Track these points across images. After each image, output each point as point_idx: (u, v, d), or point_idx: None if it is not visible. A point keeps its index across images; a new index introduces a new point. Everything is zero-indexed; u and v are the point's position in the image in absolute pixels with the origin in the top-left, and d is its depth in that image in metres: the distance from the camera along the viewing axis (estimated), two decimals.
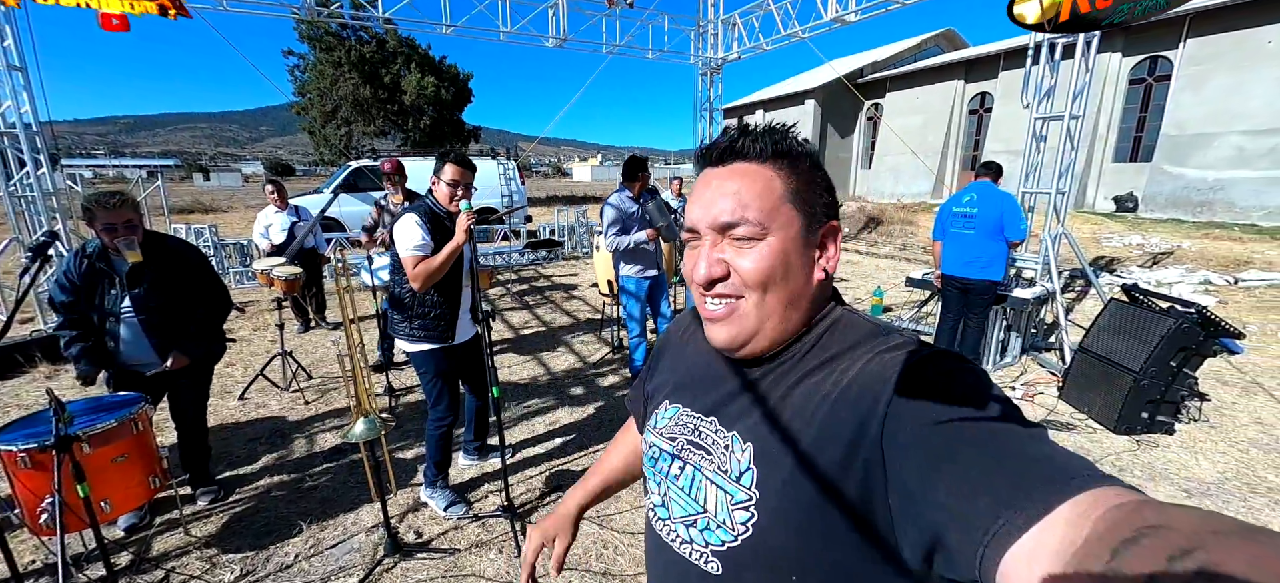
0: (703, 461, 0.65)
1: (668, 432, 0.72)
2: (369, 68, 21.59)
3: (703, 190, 0.63)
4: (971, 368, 0.53)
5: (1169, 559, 0.26)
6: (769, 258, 0.59)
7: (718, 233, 0.61)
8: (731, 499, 0.61)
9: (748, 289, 0.61)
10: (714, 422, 0.67)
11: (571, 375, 4.28)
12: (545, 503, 2.64)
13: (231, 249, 8.22)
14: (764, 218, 0.59)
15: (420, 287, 2.31)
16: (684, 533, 0.66)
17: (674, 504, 0.68)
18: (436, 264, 2.27)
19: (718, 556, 0.62)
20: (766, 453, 0.60)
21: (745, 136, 0.62)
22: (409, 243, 2.28)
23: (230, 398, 3.86)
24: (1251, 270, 7.90)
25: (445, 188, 2.36)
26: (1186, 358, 3.18)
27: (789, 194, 0.61)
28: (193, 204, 20.95)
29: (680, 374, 0.77)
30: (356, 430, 2.01)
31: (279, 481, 2.88)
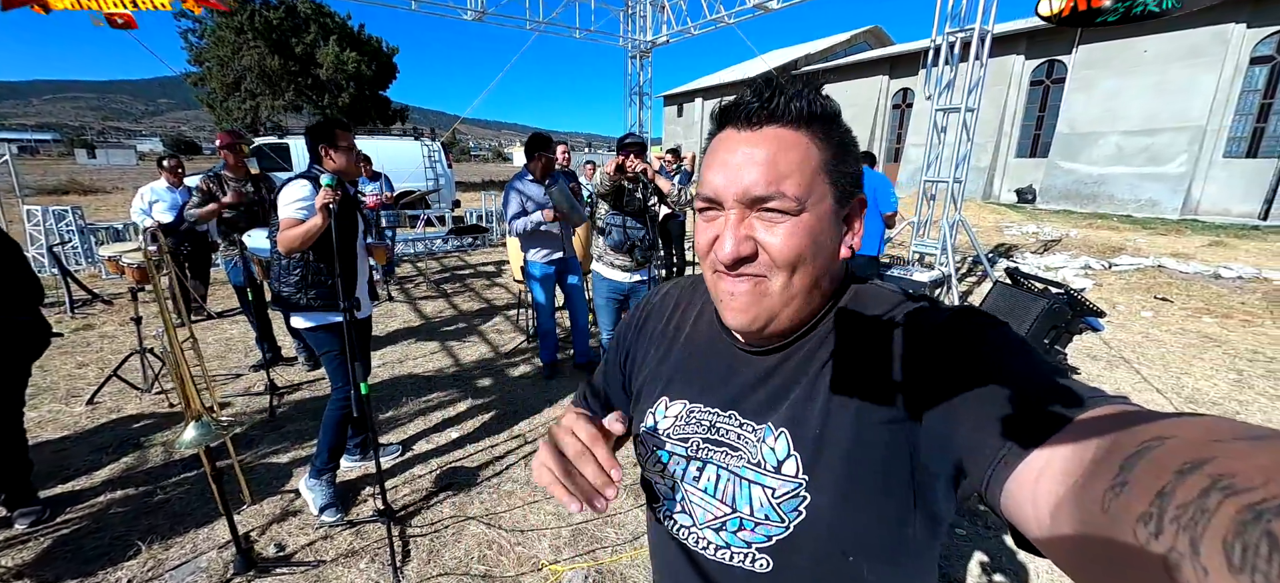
0: (728, 458, 0.61)
1: (676, 432, 0.66)
2: (277, 36, 19.76)
3: (726, 155, 0.56)
4: (991, 319, 0.52)
5: (1177, 471, 0.26)
6: (802, 236, 0.54)
7: (746, 206, 0.55)
8: (772, 493, 0.58)
9: (776, 269, 0.55)
10: (735, 415, 0.62)
11: (480, 366, 4.08)
12: (432, 504, 2.47)
13: (103, 234, 7.28)
14: (801, 192, 0.53)
15: (284, 248, 2.17)
16: (715, 538, 0.62)
17: (696, 509, 0.63)
18: (304, 230, 2.13)
19: (766, 551, 0.59)
20: (807, 437, 0.57)
21: (780, 95, 0.55)
22: (294, 202, 2.15)
23: (77, 403, 3.39)
24: (1123, 256, 8.78)
25: (340, 157, 2.23)
26: (1057, 335, 3.43)
27: (824, 165, 0.55)
28: (68, 184, 18.58)
29: (677, 368, 0.70)
30: (186, 438, 1.76)
31: (123, 495, 2.53)
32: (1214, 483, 0.24)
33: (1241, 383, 4.05)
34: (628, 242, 3.01)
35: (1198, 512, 0.23)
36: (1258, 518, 0.21)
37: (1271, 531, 0.20)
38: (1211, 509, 0.23)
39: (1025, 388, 0.44)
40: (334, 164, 2.24)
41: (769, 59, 22.88)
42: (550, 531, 2.30)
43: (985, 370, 0.47)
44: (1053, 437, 0.38)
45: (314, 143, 2.26)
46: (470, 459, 2.82)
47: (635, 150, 2.89)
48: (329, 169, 2.21)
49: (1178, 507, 0.25)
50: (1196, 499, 0.24)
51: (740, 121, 0.56)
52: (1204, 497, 0.24)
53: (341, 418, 2.36)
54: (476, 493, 2.54)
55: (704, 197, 0.58)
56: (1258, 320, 5.57)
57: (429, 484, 2.61)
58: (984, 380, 0.46)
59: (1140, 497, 0.27)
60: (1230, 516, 0.22)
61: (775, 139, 0.54)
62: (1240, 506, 0.22)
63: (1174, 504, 0.25)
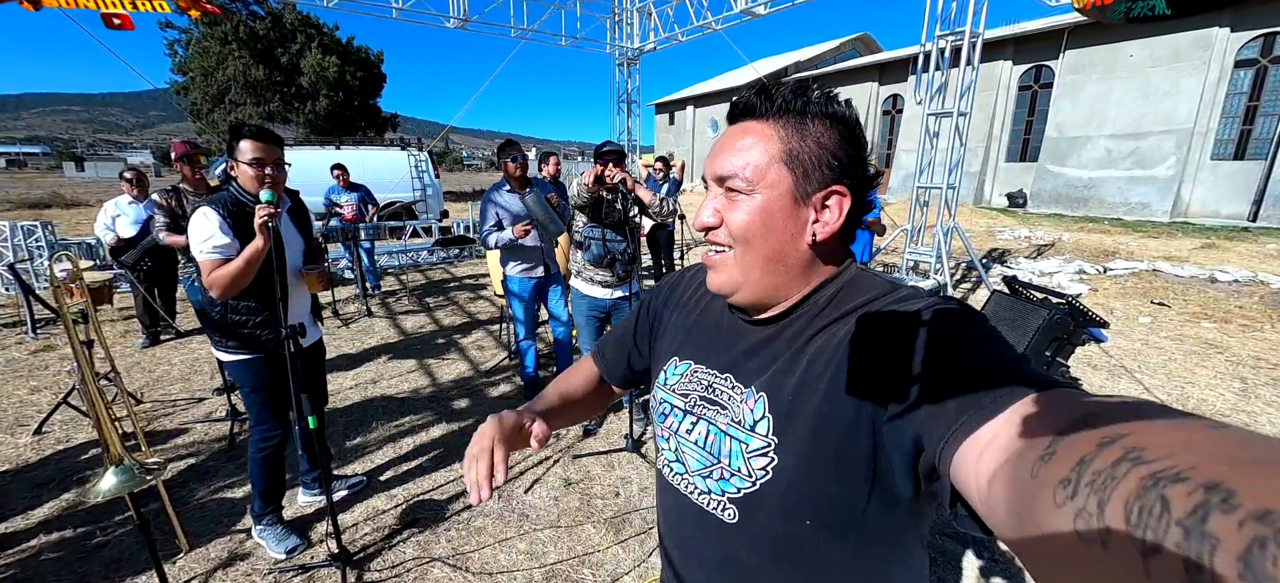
0: (717, 415, 0.68)
1: (680, 388, 0.74)
2: (262, 46, 19.56)
3: (718, 143, 0.66)
4: (965, 309, 0.56)
5: (1099, 444, 0.29)
6: (750, 215, 0.62)
7: (717, 183, 0.65)
8: (747, 448, 0.64)
9: (733, 242, 0.64)
10: (730, 379, 0.69)
11: (458, 385, 3.89)
12: (394, 543, 2.28)
13: (76, 249, 7.04)
14: (753, 176, 0.62)
15: (219, 295, 1.90)
16: (701, 485, 0.70)
17: (689, 458, 0.71)
18: (236, 269, 1.86)
19: (734, 503, 0.66)
20: (781, 402, 0.62)
21: (760, 96, 0.64)
22: (206, 242, 1.86)
23: (23, 433, 3.17)
24: (1117, 260, 8.72)
25: (247, 169, 1.92)
26: (1059, 347, 3.28)
27: (785, 155, 0.62)
28: (50, 197, 18.25)
29: (691, 333, 0.78)
30: (103, 487, 1.57)
31: (58, 538, 2.33)
32: (1126, 454, 0.26)
33: (1247, 393, 3.94)
34: (608, 255, 2.84)
35: (1109, 478, 0.26)
36: (1155, 484, 0.24)
37: (1165, 494, 0.23)
38: (1120, 476, 0.25)
39: (981, 372, 0.47)
40: (243, 178, 1.94)
41: (759, 66, 22.92)
42: (521, 571, 2.12)
43: (947, 357, 0.50)
44: (999, 414, 0.41)
45: (228, 154, 1.96)
46: (440, 491, 2.63)
47: (614, 159, 2.73)
48: (242, 184, 1.95)
49: (1094, 472, 0.27)
50: (1110, 467, 0.26)
51: (731, 117, 0.67)
52: (1116, 465, 0.26)
53: (263, 459, 2.16)
54: (444, 530, 2.35)
55: (702, 176, 0.68)
56: (1257, 325, 5.48)
57: (393, 520, 2.41)
58: (945, 365, 0.50)
59: (1064, 463, 0.30)
60: (1135, 481, 0.25)
61: (747, 131, 0.63)
62: (1144, 474, 0.24)
63: (1090, 470, 0.27)
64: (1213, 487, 0.22)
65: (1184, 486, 0.23)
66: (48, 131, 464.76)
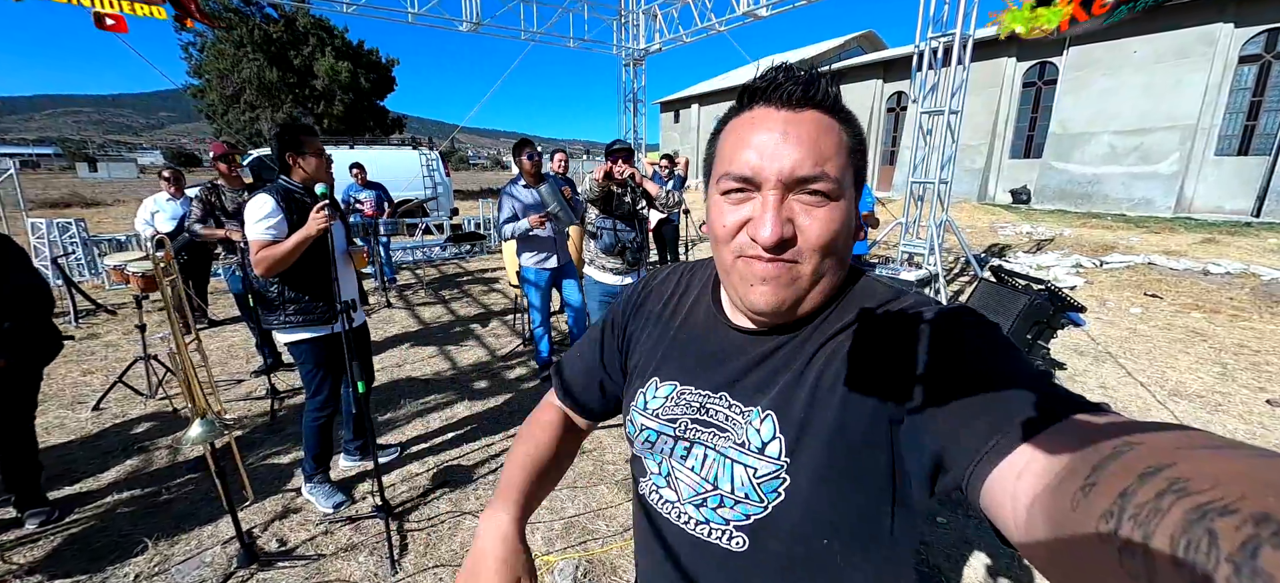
0: (716, 438, 0.62)
1: (664, 413, 0.67)
2: (276, 49, 19.97)
3: (761, 133, 0.54)
4: (980, 319, 0.53)
5: (1141, 475, 0.27)
6: (839, 220, 0.54)
7: (786, 188, 0.53)
8: (755, 473, 0.58)
9: (810, 252, 0.55)
10: (726, 397, 0.63)
11: (477, 369, 4.16)
12: (429, 500, 2.54)
13: (105, 246, 7.38)
14: (840, 176, 0.54)
15: (263, 272, 2.15)
16: (696, 514, 0.63)
17: (682, 486, 0.64)
18: (283, 251, 2.11)
19: (743, 530, 0.60)
20: (791, 419, 0.57)
21: (821, 80, 0.55)
22: (260, 224, 2.11)
23: (83, 409, 3.47)
24: (1114, 254, 8.87)
25: (312, 160, 2.20)
26: (1040, 331, 3.51)
27: (851, 154, 0.56)
28: (70, 197, 18.70)
29: (673, 351, 0.70)
30: (191, 435, 1.84)
31: (129, 496, 2.61)
32: (1171, 486, 0.26)
33: (1225, 376, 4.13)
34: (618, 244, 3.09)
35: (1153, 511, 0.25)
36: (1202, 517, 0.23)
37: (1212, 528, 0.22)
38: (1165, 509, 0.25)
39: (1008, 389, 0.44)
40: (303, 173, 2.20)
41: (763, 65, 23.04)
42: (542, 524, 2.38)
43: (969, 370, 0.48)
44: (1033, 438, 0.39)
45: (281, 151, 2.19)
46: (467, 458, 2.90)
47: (623, 155, 2.98)
48: (298, 179, 2.21)
49: (1136, 505, 0.26)
50: (1153, 500, 0.26)
51: (779, 101, 0.55)
52: (1160, 498, 0.25)
53: (317, 426, 2.42)
54: (472, 489, 2.62)
55: (737, 176, 0.55)
56: (1244, 315, 5.65)
57: (426, 482, 2.69)
58: (967, 379, 0.47)
59: (1106, 495, 0.29)
60: (1180, 514, 0.24)
61: (816, 122, 0.54)
62: (1189, 506, 0.24)
63: (1134, 503, 0.26)
64: (1263, 520, 0.21)
65: (1232, 519, 0.22)
66: (59, 133, 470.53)
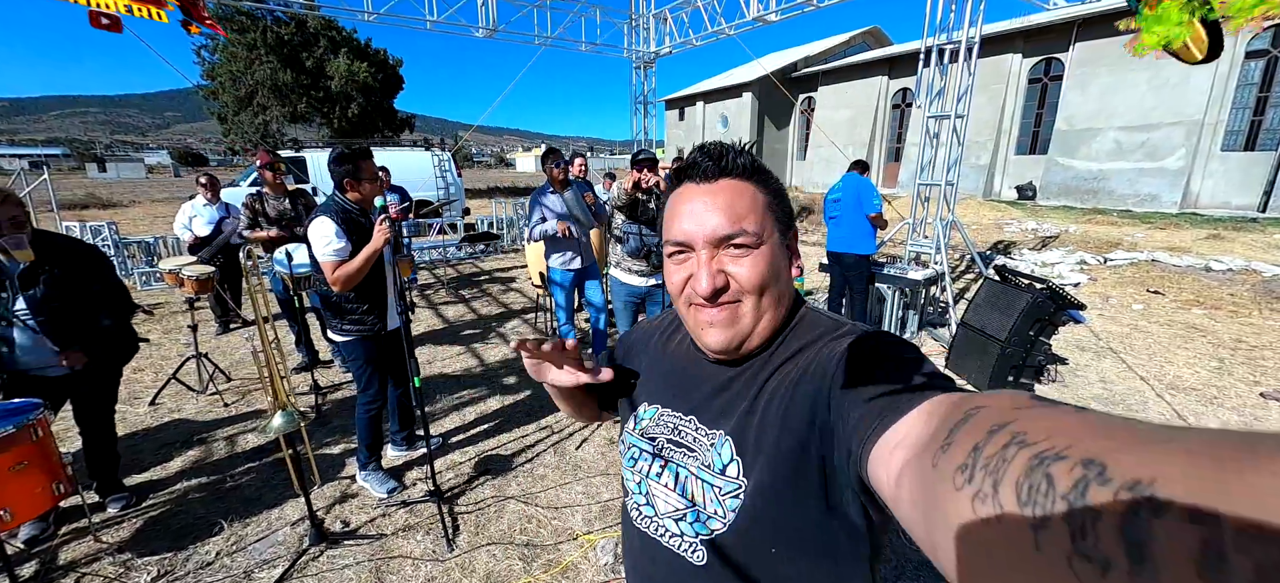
0: (685, 458, 0.71)
1: (648, 432, 0.76)
2: (288, 51, 20.24)
3: (688, 205, 0.67)
4: (895, 340, 0.62)
5: (989, 431, 0.31)
6: (764, 264, 0.65)
7: (714, 246, 0.65)
8: (719, 491, 0.66)
9: (746, 294, 0.66)
10: (694, 421, 0.72)
11: (505, 365, 4.38)
12: (474, 486, 2.76)
13: (135, 248, 7.63)
14: (758, 227, 0.65)
15: (341, 289, 2.36)
16: (672, 527, 0.71)
17: (658, 501, 0.73)
18: (356, 267, 2.32)
19: (705, 544, 0.68)
20: (745, 443, 0.66)
21: (727, 153, 0.67)
22: (327, 248, 2.32)
23: (139, 404, 3.70)
24: (1119, 251, 8.99)
25: (370, 185, 2.40)
26: (1042, 328, 3.68)
27: (768, 206, 0.67)
28: (87, 198, 19.04)
29: (659, 377, 0.81)
30: (275, 424, 2.06)
31: (197, 483, 2.83)
32: (1013, 438, 0.29)
33: (1221, 370, 4.29)
34: (644, 248, 3.29)
35: (1000, 461, 0.28)
36: (1040, 463, 0.26)
37: (1049, 472, 0.25)
38: (1010, 459, 0.28)
39: (891, 384, 0.52)
40: (358, 196, 2.39)
41: (767, 62, 23.13)
42: (581, 507, 2.59)
43: (867, 376, 0.56)
44: (904, 416, 0.46)
45: (339, 174, 2.36)
46: (504, 448, 3.11)
47: (648, 165, 3.18)
48: (353, 200, 2.40)
49: (986, 457, 0.30)
50: (1000, 451, 0.29)
51: (698, 177, 0.67)
52: (1005, 448, 0.29)
53: (368, 418, 2.63)
54: (512, 476, 2.83)
55: (674, 242, 0.68)
56: (1244, 311, 5.80)
57: (469, 470, 2.90)
58: (871, 382, 0.55)
59: (959, 452, 0.33)
60: (1022, 462, 0.27)
61: (730, 188, 0.66)
62: (1029, 454, 0.27)
63: (983, 455, 0.30)
64: (1089, 462, 0.24)
65: (1064, 463, 0.25)
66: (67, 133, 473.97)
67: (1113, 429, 0.25)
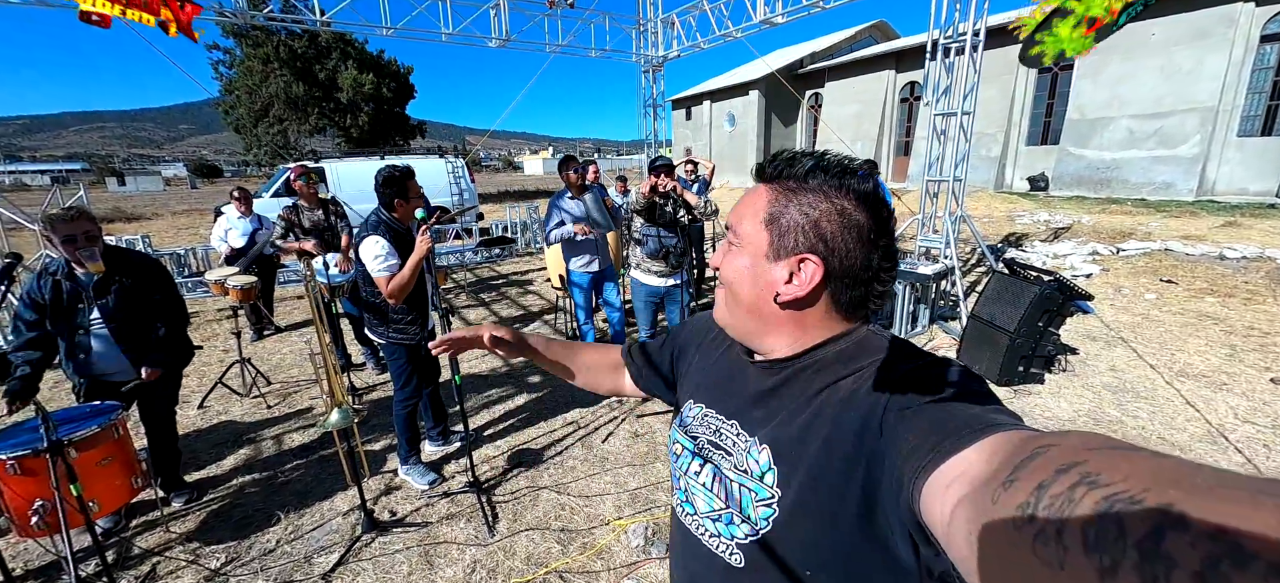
0: (722, 460, 0.72)
1: (692, 430, 0.79)
2: (301, 63, 20.70)
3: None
4: (961, 369, 0.59)
5: (1056, 470, 0.30)
6: (733, 265, 0.70)
7: (728, 230, 0.72)
8: (755, 497, 0.67)
9: (722, 283, 0.73)
10: (736, 426, 0.73)
11: (528, 365, 4.55)
12: (508, 477, 2.93)
13: (167, 259, 7.92)
14: (742, 234, 0.69)
15: (396, 301, 2.54)
16: (710, 527, 0.73)
17: (698, 499, 0.75)
18: (406, 277, 2.51)
19: (741, 548, 0.69)
20: (783, 454, 0.65)
21: (776, 161, 0.69)
22: (380, 264, 2.50)
23: (189, 407, 3.92)
24: (1131, 241, 8.98)
25: (413, 201, 2.59)
26: (1050, 318, 3.78)
27: (768, 217, 0.66)
28: (113, 212, 19.58)
29: (708, 376, 0.84)
30: (332, 420, 2.24)
31: (251, 479, 3.04)
32: (1083, 479, 0.28)
33: (1233, 357, 4.35)
34: (662, 249, 3.45)
35: (1066, 501, 0.27)
36: (1111, 507, 0.25)
37: (1120, 516, 0.24)
38: (1077, 499, 0.27)
39: (952, 415, 0.50)
40: (403, 212, 2.58)
41: (773, 59, 23.16)
42: (611, 495, 2.75)
43: (926, 405, 0.54)
44: (962, 450, 0.44)
45: (388, 194, 2.56)
46: (534, 442, 3.29)
47: (665, 171, 3.33)
48: (399, 216, 2.59)
49: (1052, 496, 0.28)
50: (1067, 492, 0.28)
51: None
52: (1073, 489, 0.27)
53: (406, 415, 2.82)
54: (545, 468, 3.00)
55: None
56: (1259, 299, 5.81)
57: (503, 463, 3.08)
58: (928, 413, 0.53)
59: (1023, 490, 0.31)
60: (1091, 504, 0.26)
61: (754, 191, 0.70)
62: (1099, 497, 0.26)
63: (1048, 494, 0.28)
64: (1166, 508, 0.22)
65: (1138, 509, 0.23)
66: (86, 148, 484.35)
67: (1197, 476, 0.24)
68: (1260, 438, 3.19)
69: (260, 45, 20.05)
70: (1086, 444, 0.32)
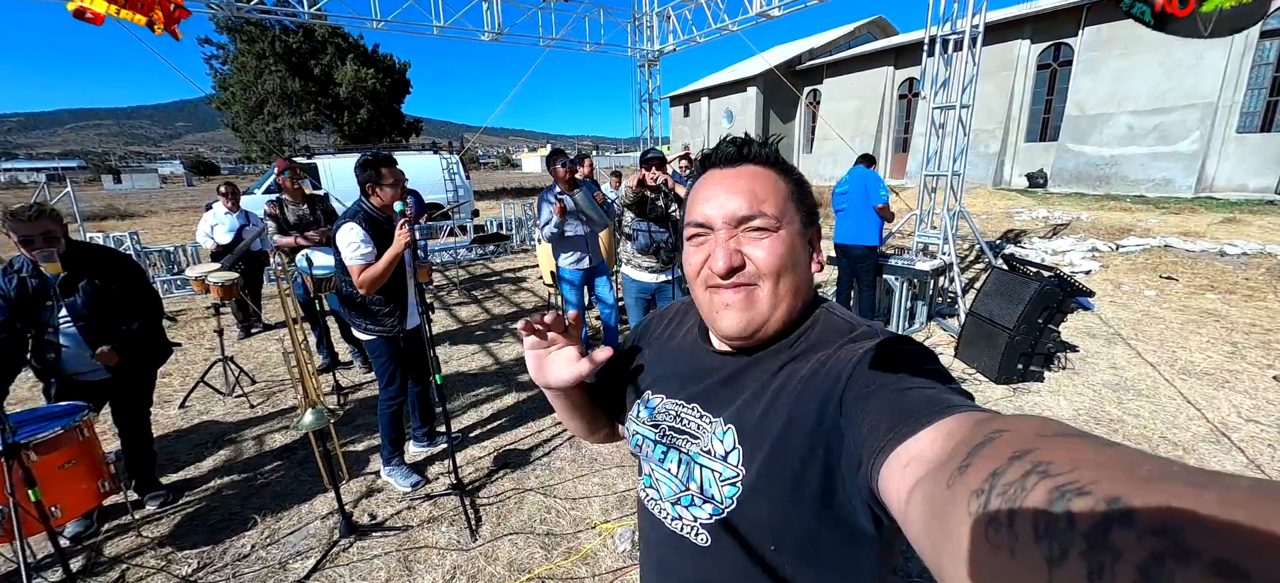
0: (688, 443, 0.71)
1: (650, 420, 0.77)
2: (296, 59, 20.53)
3: (711, 188, 0.68)
4: (915, 346, 0.61)
5: (1010, 458, 0.30)
6: (783, 247, 0.65)
7: (733, 226, 0.66)
8: (719, 476, 0.67)
9: (763, 278, 0.65)
10: (697, 408, 0.72)
11: (518, 363, 4.47)
12: (494, 479, 2.85)
13: (156, 257, 7.81)
14: (777, 212, 0.66)
15: (367, 292, 2.46)
16: (672, 510, 0.73)
17: (662, 485, 0.75)
18: (380, 269, 2.42)
19: (706, 527, 0.69)
20: (747, 433, 0.66)
21: (752, 143, 0.69)
22: (353, 252, 2.42)
23: (170, 407, 3.83)
24: (1131, 237, 8.92)
25: (390, 190, 2.50)
26: (1050, 315, 3.71)
27: (790, 195, 0.68)
28: (106, 210, 19.43)
29: (662, 368, 0.82)
30: (305, 421, 2.15)
31: (229, 481, 2.95)
32: (1034, 467, 0.28)
33: (1235, 354, 4.28)
34: (653, 245, 3.36)
35: (1018, 489, 0.27)
36: (1061, 496, 0.25)
37: (1070, 507, 0.24)
38: (1029, 488, 0.27)
39: (909, 395, 0.50)
40: (380, 200, 2.49)
41: (771, 56, 23.06)
42: (598, 498, 2.67)
43: (884, 384, 0.54)
44: (919, 432, 0.44)
45: (362, 180, 2.50)
46: (521, 443, 3.20)
47: (656, 164, 3.24)
48: (377, 205, 2.50)
49: (1005, 484, 0.29)
50: (1020, 479, 0.28)
51: (721, 163, 0.70)
52: (1025, 477, 0.28)
53: (390, 414, 2.73)
54: (531, 470, 2.92)
55: (695, 224, 0.69)
56: (1260, 295, 5.75)
57: (489, 464, 2.99)
58: (886, 392, 0.53)
59: (977, 476, 0.31)
60: (1042, 493, 0.26)
61: (751, 173, 0.67)
62: (1051, 486, 0.26)
63: (1002, 481, 0.29)
64: (1114, 500, 0.23)
65: (1087, 499, 0.24)
66: (82, 146, 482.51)
67: (1143, 467, 0.24)
68: (1264, 437, 3.12)
69: (255, 41, 19.89)
70: (1038, 431, 0.32)
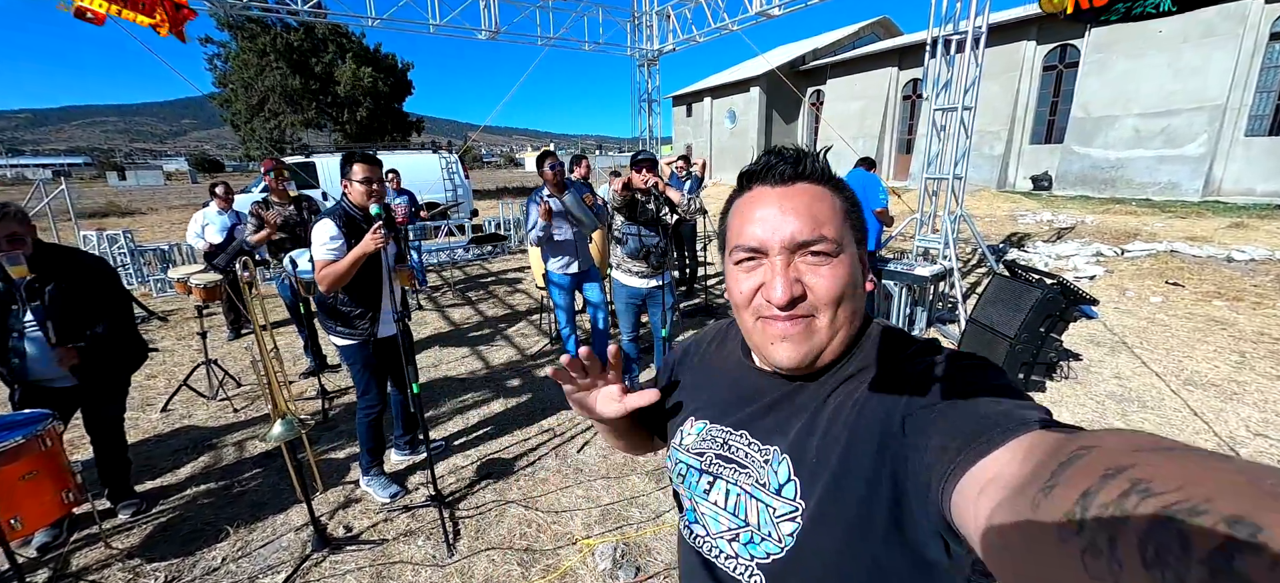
0: (737, 474, 0.66)
1: (695, 448, 0.72)
2: (297, 57, 20.52)
3: (762, 208, 0.62)
4: (980, 359, 0.58)
5: (1102, 476, 0.28)
6: (844, 274, 0.60)
7: (790, 251, 0.60)
8: (774, 512, 0.62)
9: (822, 307, 0.60)
10: (746, 436, 0.67)
11: (509, 368, 4.39)
12: (475, 490, 2.77)
13: (151, 256, 7.77)
14: (837, 234, 0.60)
15: (325, 289, 2.37)
16: (727, 548, 0.66)
17: (709, 520, 0.68)
18: (341, 269, 2.32)
19: (762, 568, 0.63)
20: (805, 463, 0.61)
21: (806, 158, 0.63)
22: (322, 248, 2.34)
23: (152, 411, 3.77)
24: (1136, 242, 8.78)
25: (359, 187, 2.41)
26: (1053, 324, 3.60)
27: (846, 215, 0.63)
28: (107, 207, 19.47)
29: (705, 392, 0.77)
30: (274, 432, 2.08)
31: (206, 489, 2.88)
32: (1134, 486, 0.25)
33: (1243, 364, 4.17)
34: (643, 249, 3.27)
35: (1118, 511, 0.25)
36: (1172, 519, 0.22)
37: (1183, 531, 0.21)
38: (1130, 510, 0.24)
39: (981, 412, 0.47)
40: (353, 196, 2.42)
41: (774, 56, 22.93)
42: (581, 511, 2.59)
43: (957, 401, 0.51)
44: (994, 451, 0.42)
45: (340, 176, 2.46)
46: (506, 451, 3.12)
47: (646, 165, 3.15)
48: (355, 202, 2.42)
49: (1100, 505, 0.26)
50: (1117, 500, 0.25)
51: (773, 180, 0.63)
52: (1124, 498, 0.25)
53: (368, 423, 2.65)
54: (514, 480, 2.84)
55: (745, 247, 0.63)
56: (1269, 303, 5.62)
57: (471, 474, 2.91)
58: (954, 409, 0.50)
59: (1067, 496, 0.29)
60: (1147, 515, 0.23)
61: (808, 192, 0.61)
62: (1157, 507, 0.23)
63: (1096, 503, 0.26)
64: (1236, 521, 0.20)
65: (1203, 520, 0.21)
66: (88, 142, 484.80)
67: (1262, 480, 0.22)
68: (1274, 452, 3.01)
69: (256, 38, 19.87)
70: (1132, 446, 0.30)
